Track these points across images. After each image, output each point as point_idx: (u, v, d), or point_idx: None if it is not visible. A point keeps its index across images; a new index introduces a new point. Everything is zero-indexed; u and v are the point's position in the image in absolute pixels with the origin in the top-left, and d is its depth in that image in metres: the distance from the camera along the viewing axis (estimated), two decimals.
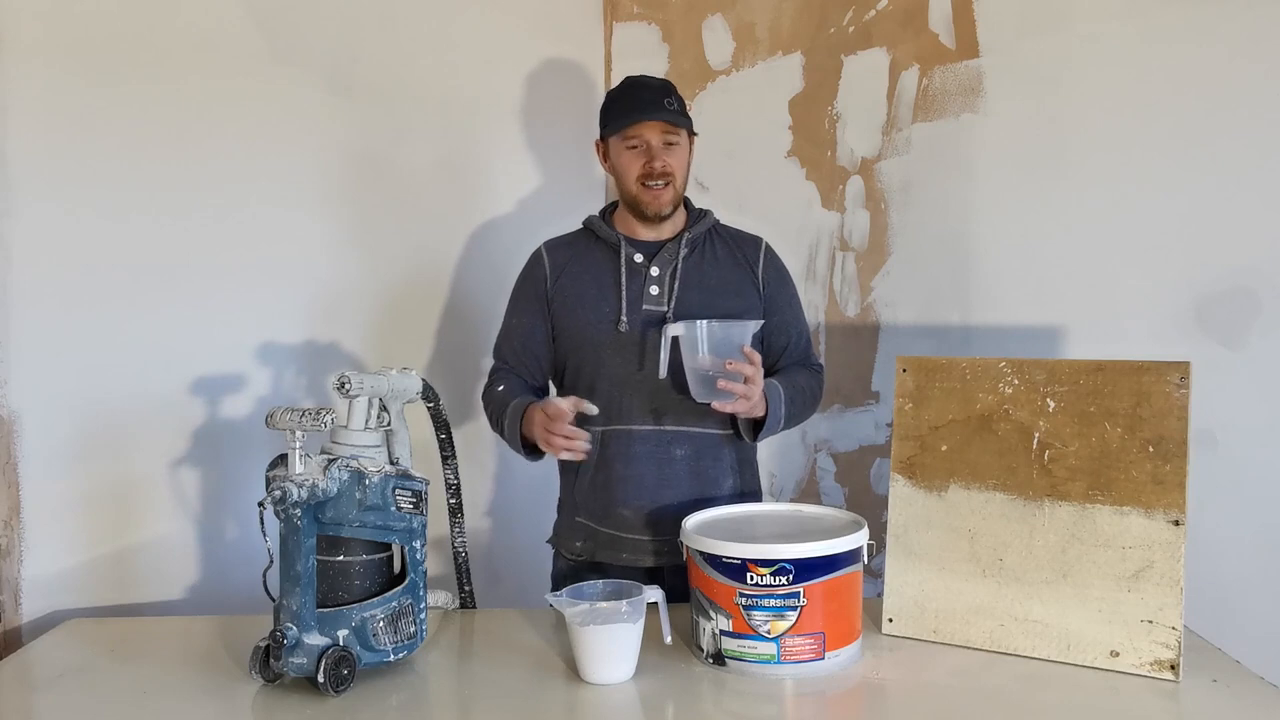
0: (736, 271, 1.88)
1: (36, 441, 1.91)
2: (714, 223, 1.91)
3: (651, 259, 1.84)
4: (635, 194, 1.83)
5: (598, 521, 1.82)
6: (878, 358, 2.43)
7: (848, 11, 2.42)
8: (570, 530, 1.87)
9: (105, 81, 1.96)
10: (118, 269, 1.98)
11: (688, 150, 1.87)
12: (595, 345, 1.82)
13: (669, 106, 1.81)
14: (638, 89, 1.85)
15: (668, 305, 1.81)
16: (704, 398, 1.68)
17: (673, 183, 1.82)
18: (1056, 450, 1.50)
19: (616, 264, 1.84)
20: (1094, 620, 1.45)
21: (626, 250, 1.84)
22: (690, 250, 1.85)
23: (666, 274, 1.83)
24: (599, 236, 1.88)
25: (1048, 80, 2.25)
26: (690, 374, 1.69)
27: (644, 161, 1.80)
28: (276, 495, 1.36)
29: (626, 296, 1.81)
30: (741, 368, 1.64)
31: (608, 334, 1.81)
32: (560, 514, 1.92)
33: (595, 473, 1.81)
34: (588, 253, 1.88)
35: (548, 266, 1.89)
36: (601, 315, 1.82)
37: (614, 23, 2.50)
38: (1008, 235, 2.30)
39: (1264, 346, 2.11)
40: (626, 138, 1.81)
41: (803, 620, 1.43)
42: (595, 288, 1.84)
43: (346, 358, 2.20)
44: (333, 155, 2.19)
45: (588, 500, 1.83)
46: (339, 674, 1.37)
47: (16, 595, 1.89)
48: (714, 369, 1.65)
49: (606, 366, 1.81)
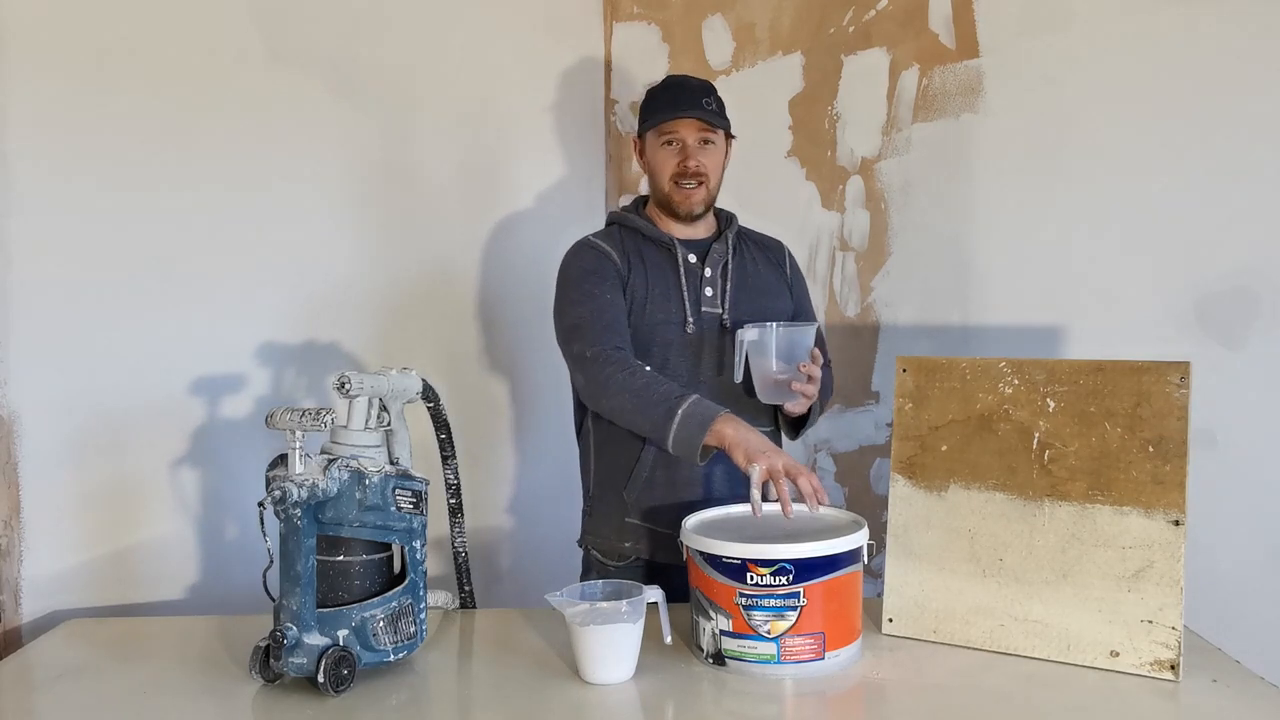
0: (772, 273, 1.91)
1: (36, 441, 1.92)
2: (739, 224, 1.93)
3: (704, 259, 1.84)
4: (668, 192, 1.83)
5: (657, 523, 1.79)
6: (878, 358, 2.43)
7: (848, 11, 2.42)
8: (617, 532, 1.83)
9: (106, 82, 1.96)
10: (118, 269, 1.98)
11: (724, 152, 1.87)
12: (664, 345, 1.80)
13: (707, 106, 1.80)
14: (678, 87, 1.85)
15: (722, 307, 1.82)
16: (772, 399, 1.73)
17: (706, 183, 1.82)
18: (1056, 450, 1.50)
19: (674, 264, 1.83)
20: (1094, 620, 1.45)
21: (681, 250, 1.83)
22: (734, 251, 1.87)
23: (718, 274, 1.83)
24: (646, 235, 1.85)
25: (1048, 80, 2.25)
26: (759, 377, 1.72)
27: (679, 160, 1.80)
28: (276, 495, 1.36)
29: (689, 297, 1.81)
30: (812, 369, 1.68)
31: (676, 334, 1.80)
32: (596, 516, 1.87)
33: (653, 473, 1.79)
34: (641, 251, 1.84)
35: (616, 257, 1.82)
36: (670, 315, 1.80)
37: (614, 23, 2.50)
38: (1008, 235, 2.30)
39: (1264, 346, 2.11)
40: (663, 134, 1.81)
41: (803, 620, 1.43)
42: (659, 287, 1.82)
43: (346, 358, 2.20)
44: (333, 155, 2.19)
45: (643, 500, 1.80)
46: (339, 674, 1.37)
47: (16, 595, 1.90)
48: (781, 371, 1.70)
49: (672, 367, 1.80)
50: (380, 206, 2.25)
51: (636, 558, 1.82)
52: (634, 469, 1.79)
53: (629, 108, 2.49)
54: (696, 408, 1.61)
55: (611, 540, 1.84)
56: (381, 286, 2.25)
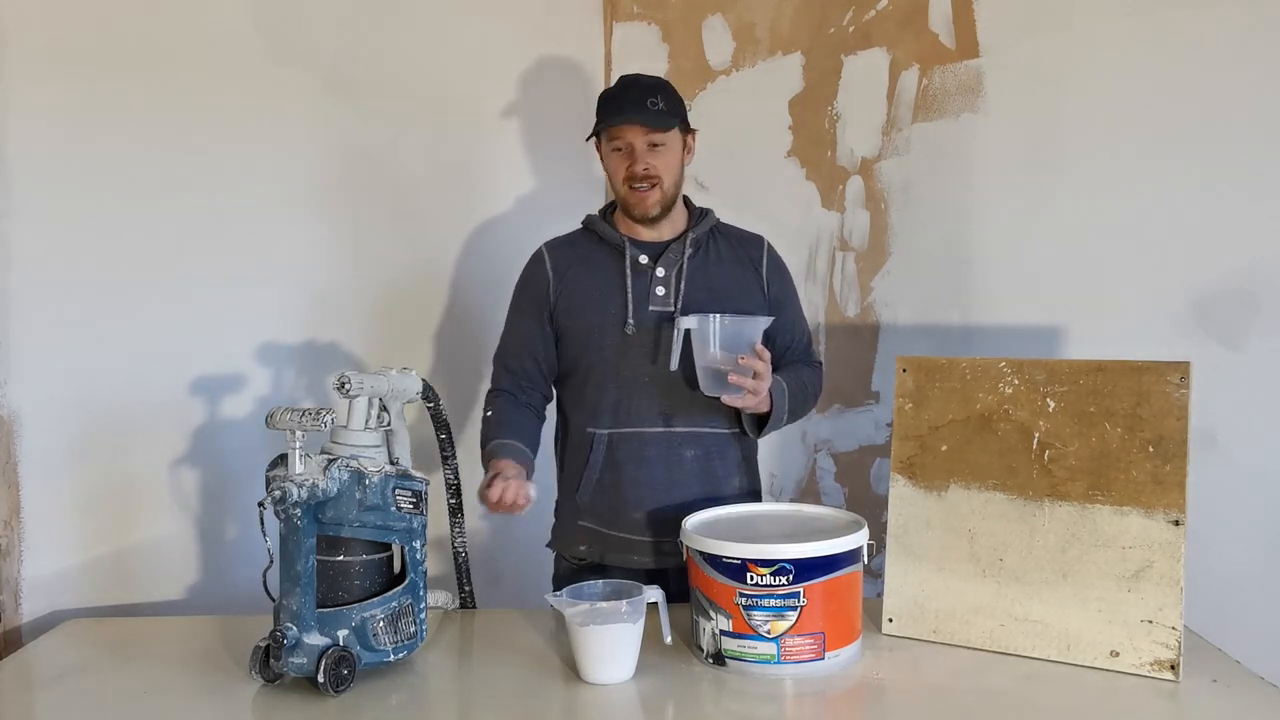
0: (741, 271, 1.88)
1: (36, 441, 1.92)
2: (715, 222, 1.90)
3: (656, 260, 1.83)
4: (623, 195, 1.83)
5: (606, 525, 1.81)
6: (878, 358, 2.43)
7: (848, 11, 2.42)
8: (573, 535, 1.85)
9: (105, 82, 1.96)
10: (118, 269, 1.98)
11: (680, 150, 1.84)
12: (602, 348, 1.80)
13: (652, 107, 1.77)
14: (624, 89, 1.83)
15: (675, 306, 1.80)
16: (713, 391, 1.69)
17: (659, 184, 1.80)
18: (1056, 450, 1.50)
19: (621, 265, 1.83)
20: (1094, 620, 1.45)
21: (631, 251, 1.83)
22: (695, 250, 1.85)
23: (672, 274, 1.82)
24: (601, 237, 1.86)
25: (1048, 80, 2.25)
26: (700, 368, 1.69)
27: (628, 164, 1.79)
28: (276, 495, 1.36)
29: (633, 298, 1.80)
30: (753, 363, 1.65)
31: (615, 336, 1.80)
32: (559, 519, 1.90)
33: (602, 475, 1.80)
34: (591, 254, 1.86)
35: (550, 268, 1.87)
36: (608, 317, 1.81)
37: (614, 23, 2.50)
38: (1008, 235, 2.30)
39: (1264, 346, 2.11)
40: (611, 139, 1.81)
41: (803, 620, 1.43)
42: (600, 289, 1.82)
43: (346, 358, 2.20)
44: (333, 156, 2.19)
45: (594, 504, 1.82)
46: (339, 674, 1.37)
47: (16, 595, 1.90)
48: (724, 363, 1.66)
49: (614, 369, 1.80)
50: (380, 206, 2.25)
51: (590, 561, 1.82)
52: (584, 473, 1.81)
53: None
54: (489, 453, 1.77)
55: (568, 542, 1.86)
56: (382, 286, 2.25)
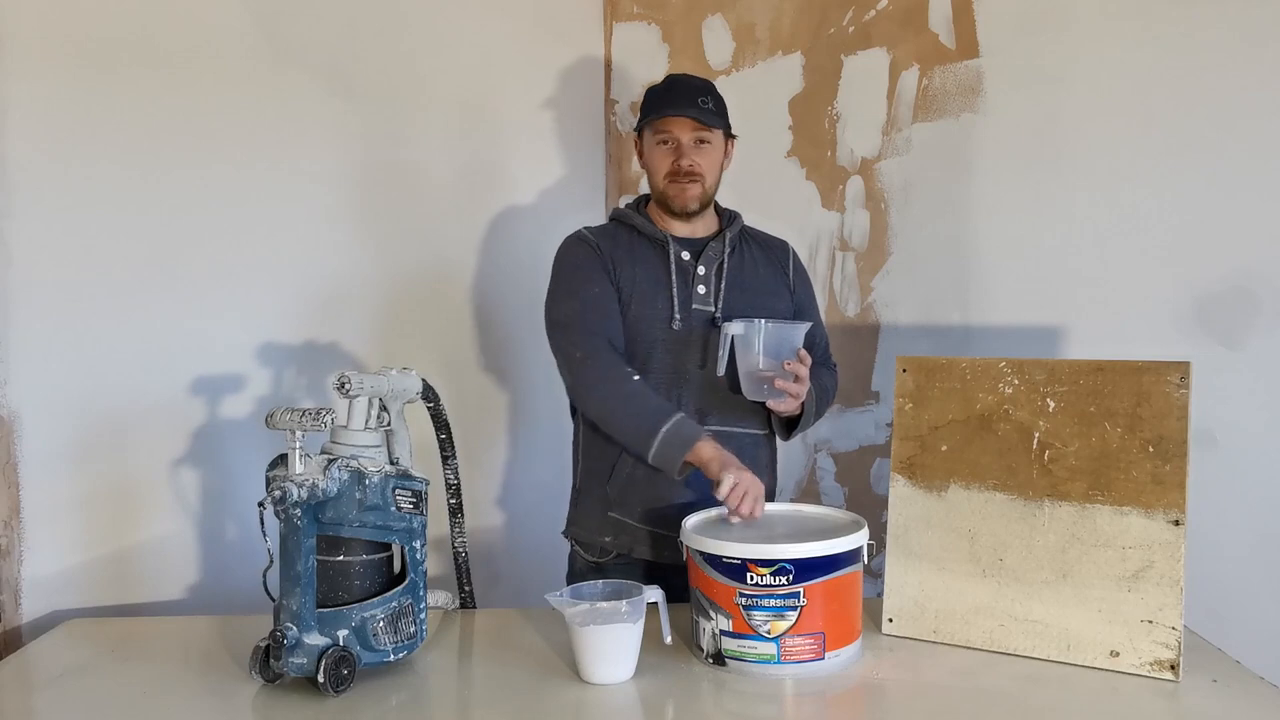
0: (772, 273, 1.90)
1: (36, 441, 1.91)
2: (743, 224, 1.93)
3: (697, 257, 1.84)
4: (663, 188, 1.83)
5: (638, 518, 1.79)
6: (878, 358, 2.43)
7: (848, 11, 2.42)
8: (599, 525, 1.83)
9: (105, 82, 1.96)
10: (117, 269, 1.98)
11: (722, 151, 1.86)
12: (649, 341, 1.80)
13: (703, 105, 1.80)
14: (676, 85, 1.86)
15: (715, 305, 1.81)
16: (756, 396, 1.71)
17: (701, 181, 1.81)
18: (1056, 450, 1.50)
19: (664, 260, 1.82)
20: (1094, 620, 1.45)
21: (674, 248, 1.83)
22: (732, 250, 1.86)
23: (711, 273, 1.83)
24: (640, 232, 1.86)
25: (1048, 80, 2.25)
26: (743, 372, 1.71)
27: (673, 158, 1.81)
28: (276, 495, 1.36)
29: (678, 295, 1.81)
30: (798, 368, 1.68)
31: (662, 331, 1.80)
32: (580, 507, 1.88)
33: (634, 469, 1.78)
34: (633, 246, 1.85)
35: (603, 251, 1.83)
36: (656, 311, 1.80)
37: (614, 23, 2.50)
38: (1008, 235, 2.30)
39: (1264, 346, 2.11)
40: (658, 132, 1.82)
41: (803, 620, 1.43)
42: (648, 283, 1.82)
43: (346, 358, 2.20)
44: (333, 155, 2.19)
45: (625, 495, 1.80)
46: (339, 674, 1.37)
47: (16, 595, 1.89)
48: (768, 368, 1.68)
49: (656, 363, 1.80)
50: (380, 206, 2.25)
51: (617, 553, 1.82)
52: (616, 464, 1.80)
53: (629, 108, 2.49)
54: (680, 428, 1.66)
55: (592, 533, 1.85)
56: (382, 286, 2.25)
